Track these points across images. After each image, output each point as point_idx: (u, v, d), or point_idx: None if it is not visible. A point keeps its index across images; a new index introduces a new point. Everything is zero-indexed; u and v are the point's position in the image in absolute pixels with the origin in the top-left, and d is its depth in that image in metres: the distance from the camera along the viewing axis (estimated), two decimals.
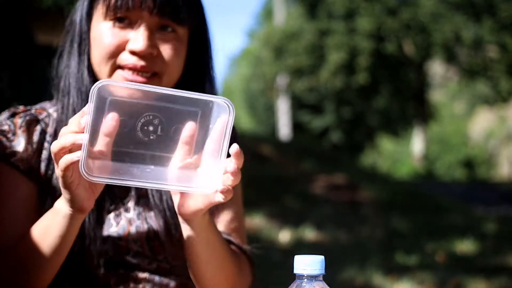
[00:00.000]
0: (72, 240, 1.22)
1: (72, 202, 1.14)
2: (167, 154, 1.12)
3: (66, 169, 1.07)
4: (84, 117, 1.05)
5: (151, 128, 1.09)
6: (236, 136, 1.51)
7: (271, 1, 29.28)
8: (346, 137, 25.19)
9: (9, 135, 1.35)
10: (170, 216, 1.38)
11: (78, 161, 1.05)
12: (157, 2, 1.33)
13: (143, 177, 1.10)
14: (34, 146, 1.37)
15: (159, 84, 1.35)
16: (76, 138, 1.04)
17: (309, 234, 6.70)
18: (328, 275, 1.01)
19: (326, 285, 1.00)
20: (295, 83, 21.55)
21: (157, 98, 1.09)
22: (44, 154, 1.37)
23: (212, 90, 1.44)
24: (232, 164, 1.09)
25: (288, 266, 1.05)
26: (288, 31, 21.02)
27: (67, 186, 1.11)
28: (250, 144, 10.94)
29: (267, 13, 31.11)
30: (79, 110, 1.33)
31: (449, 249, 6.48)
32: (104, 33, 1.35)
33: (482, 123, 26.77)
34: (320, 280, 1.00)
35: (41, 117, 1.40)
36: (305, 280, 0.99)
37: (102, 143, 1.06)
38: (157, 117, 1.10)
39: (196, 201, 1.16)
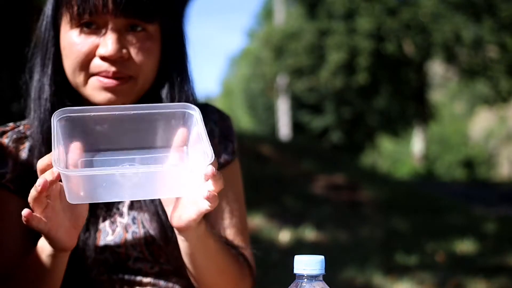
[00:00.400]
0: (62, 274, 1.20)
1: (54, 245, 1.11)
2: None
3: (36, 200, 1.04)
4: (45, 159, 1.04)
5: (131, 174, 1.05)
6: (227, 126, 1.49)
7: (271, 1, 29.28)
8: (346, 137, 25.19)
9: None
10: (164, 219, 1.34)
11: (51, 209, 1.04)
12: (118, 3, 1.28)
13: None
14: (23, 164, 1.34)
15: (134, 87, 1.33)
16: (51, 174, 1.01)
17: (309, 234, 6.69)
18: (328, 275, 1.01)
19: (326, 285, 1.00)
20: (295, 83, 21.56)
21: (130, 153, 1.08)
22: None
23: (189, 88, 1.40)
24: (208, 168, 1.04)
25: (288, 266, 1.05)
26: (288, 31, 21.03)
27: (45, 234, 1.08)
28: (250, 144, 10.95)
29: (267, 13, 31.11)
30: (41, 126, 1.32)
31: (449, 249, 6.48)
32: (72, 42, 1.31)
33: (482, 123, 26.79)
34: (320, 280, 1.00)
35: (29, 132, 1.37)
36: (305, 280, 0.99)
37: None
38: (133, 164, 1.08)
39: (188, 212, 1.13)
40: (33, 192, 1.03)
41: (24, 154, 1.35)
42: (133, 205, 1.38)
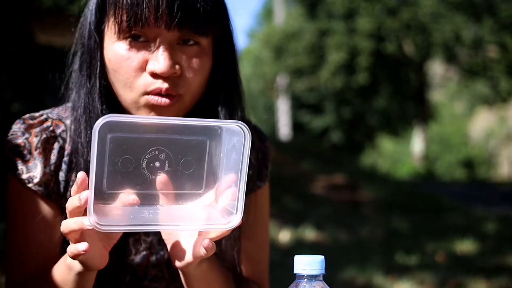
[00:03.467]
0: None
1: (85, 266, 1.07)
2: (178, 191, 1.03)
3: (74, 258, 1.01)
4: (84, 193, 0.96)
5: (157, 164, 1.00)
6: (264, 148, 1.44)
7: (271, 1, 29.29)
8: (346, 137, 25.19)
9: (25, 154, 1.26)
10: None
11: (86, 235, 0.99)
12: (174, 15, 1.16)
13: (155, 220, 1.01)
14: (52, 167, 1.27)
15: (182, 106, 1.23)
16: (84, 224, 0.96)
17: (309, 234, 6.70)
18: (328, 275, 1.01)
19: (326, 285, 1.00)
20: (295, 83, 21.56)
21: (161, 130, 1.00)
22: (61, 175, 1.28)
23: (239, 102, 1.32)
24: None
25: (288, 266, 1.05)
26: (288, 31, 21.02)
27: (78, 261, 1.05)
28: None
29: (267, 13, 31.12)
30: (88, 140, 1.24)
31: (449, 249, 6.48)
32: (120, 56, 1.19)
33: (482, 123, 26.79)
34: (320, 280, 1.00)
35: (58, 131, 1.29)
36: (305, 280, 0.99)
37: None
38: (163, 152, 1.00)
39: (187, 255, 1.10)
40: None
41: (53, 157, 1.28)
42: None
